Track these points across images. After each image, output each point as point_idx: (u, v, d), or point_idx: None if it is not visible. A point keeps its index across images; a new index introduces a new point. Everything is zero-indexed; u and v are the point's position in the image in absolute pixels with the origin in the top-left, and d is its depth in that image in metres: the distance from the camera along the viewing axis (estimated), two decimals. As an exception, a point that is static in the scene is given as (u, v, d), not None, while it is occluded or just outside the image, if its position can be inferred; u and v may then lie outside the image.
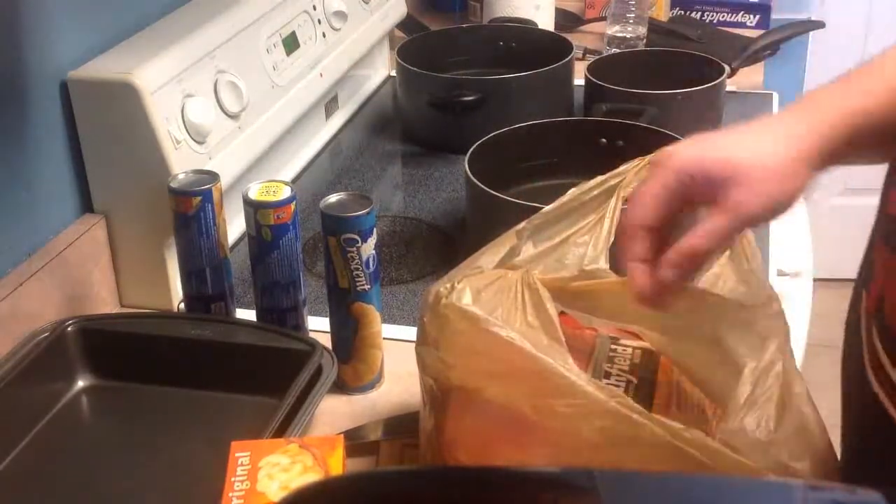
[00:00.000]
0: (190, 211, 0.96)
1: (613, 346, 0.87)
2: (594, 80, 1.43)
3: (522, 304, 0.74)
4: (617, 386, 0.81)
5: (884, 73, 0.72)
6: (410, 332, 0.82)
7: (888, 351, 0.63)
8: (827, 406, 0.76)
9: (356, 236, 0.91)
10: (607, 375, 0.82)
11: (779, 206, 0.70)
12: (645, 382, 0.81)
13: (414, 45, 1.56)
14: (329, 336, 0.98)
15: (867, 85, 0.71)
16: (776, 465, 0.67)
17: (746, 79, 1.59)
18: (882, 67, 0.72)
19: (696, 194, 0.71)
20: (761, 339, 0.74)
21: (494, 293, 0.75)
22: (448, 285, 0.75)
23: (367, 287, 0.94)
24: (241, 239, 1.17)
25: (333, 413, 0.95)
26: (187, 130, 1.07)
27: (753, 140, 0.71)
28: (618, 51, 1.66)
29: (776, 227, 1.24)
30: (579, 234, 0.81)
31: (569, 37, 1.57)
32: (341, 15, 1.44)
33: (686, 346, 0.82)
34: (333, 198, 0.94)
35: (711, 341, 0.78)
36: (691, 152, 0.72)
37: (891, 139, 0.71)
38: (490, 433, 0.73)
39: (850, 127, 0.70)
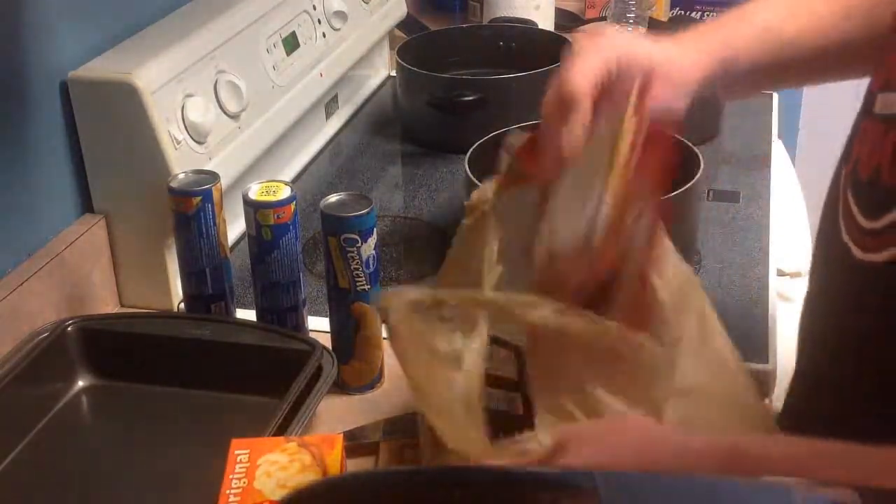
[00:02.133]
0: (190, 211, 0.96)
1: None
2: (594, 80, 1.43)
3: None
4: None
5: (753, 19, 0.85)
6: (410, 332, 0.82)
7: (856, 198, 0.69)
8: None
9: (356, 236, 0.91)
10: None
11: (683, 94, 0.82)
12: None
13: (414, 45, 1.56)
14: (329, 336, 0.98)
15: (737, 28, 0.85)
16: None
17: (746, 79, 1.58)
18: (754, 13, 0.86)
19: (616, 80, 0.77)
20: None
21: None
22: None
23: (367, 287, 0.94)
24: (241, 239, 1.17)
25: (333, 413, 0.95)
26: (187, 130, 1.07)
27: (664, 47, 0.81)
28: (618, 51, 1.65)
29: (776, 227, 1.24)
30: None
31: (569, 37, 1.57)
32: (341, 15, 1.44)
33: None
34: (333, 198, 0.94)
35: None
36: (622, 41, 0.82)
37: (759, 76, 0.87)
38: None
39: (726, 59, 0.83)
